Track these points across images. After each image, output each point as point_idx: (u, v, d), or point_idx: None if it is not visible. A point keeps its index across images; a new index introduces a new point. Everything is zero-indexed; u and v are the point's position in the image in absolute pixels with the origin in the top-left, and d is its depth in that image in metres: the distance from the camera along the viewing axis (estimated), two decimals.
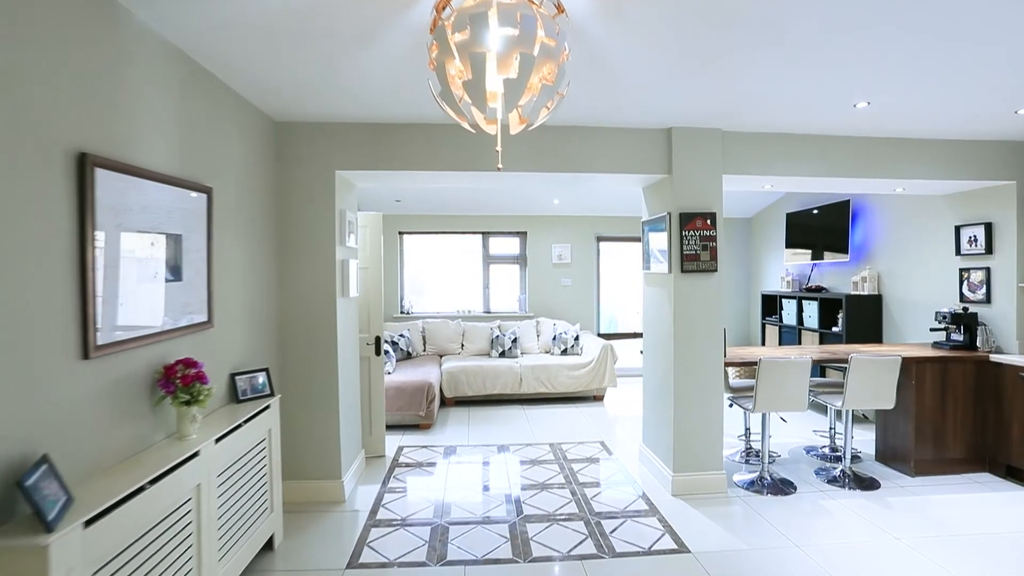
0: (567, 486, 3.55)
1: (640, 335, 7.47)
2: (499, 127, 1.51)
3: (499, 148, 1.52)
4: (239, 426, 2.29)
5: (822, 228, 5.61)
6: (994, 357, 3.74)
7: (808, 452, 4.24)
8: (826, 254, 5.58)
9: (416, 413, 4.81)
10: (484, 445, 4.41)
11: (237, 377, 2.58)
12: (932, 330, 4.11)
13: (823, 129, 3.49)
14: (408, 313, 6.97)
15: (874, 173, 3.64)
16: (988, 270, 3.95)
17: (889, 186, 3.90)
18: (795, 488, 3.52)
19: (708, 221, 3.44)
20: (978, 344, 3.92)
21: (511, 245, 7.16)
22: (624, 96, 2.83)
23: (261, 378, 2.68)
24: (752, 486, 3.55)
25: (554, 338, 6.35)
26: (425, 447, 4.37)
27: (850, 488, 3.53)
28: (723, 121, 3.29)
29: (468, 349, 6.39)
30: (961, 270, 4.15)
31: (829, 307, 5.34)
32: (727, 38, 2.13)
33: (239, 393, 2.55)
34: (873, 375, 3.48)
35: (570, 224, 7.09)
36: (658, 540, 2.84)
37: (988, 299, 3.96)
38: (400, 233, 7.00)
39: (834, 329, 5.26)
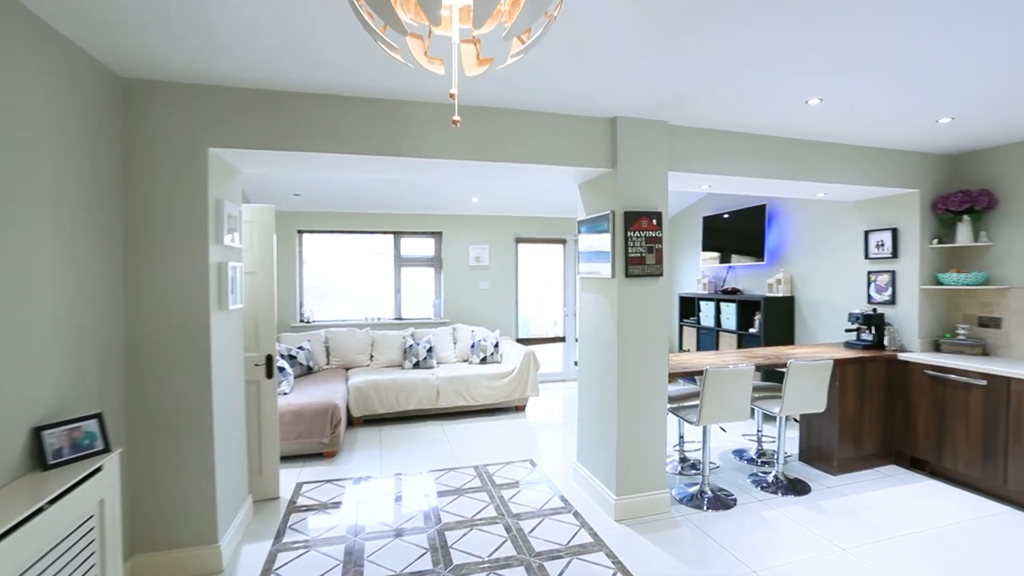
0: (500, 520, 3.12)
1: (560, 339, 7.28)
2: (456, 64, 1.02)
3: (454, 92, 1.04)
4: (38, 511, 1.55)
5: (738, 232, 5.71)
6: (901, 355, 3.89)
7: (737, 456, 4.18)
8: (742, 257, 5.68)
9: (319, 440, 4.11)
10: (400, 473, 3.84)
11: (45, 432, 1.79)
12: (847, 331, 4.22)
13: (768, 129, 3.39)
14: (308, 322, 6.14)
15: (806, 176, 3.62)
16: (893, 273, 4.13)
17: (815, 189, 3.92)
18: (735, 500, 3.38)
19: (654, 221, 3.18)
20: (885, 343, 4.08)
21: (425, 246, 6.59)
22: (569, 74, 2.46)
23: (89, 428, 1.93)
24: (693, 501, 3.35)
25: (472, 346, 5.90)
26: (330, 481, 3.71)
27: (783, 494, 3.47)
28: (670, 112, 3.04)
29: (378, 360, 5.73)
30: (869, 273, 4.32)
31: (746, 309, 5.42)
32: (698, 9, 1.83)
33: (48, 455, 1.78)
34: (809, 379, 3.43)
35: (488, 224, 6.68)
36: None
37: (893, 300, 4.13)
38: (299, 232, 6.15)
39: (751, 330, 5.34)
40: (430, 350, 5.67)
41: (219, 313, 2.72)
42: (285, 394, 4.39)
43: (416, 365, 5.59)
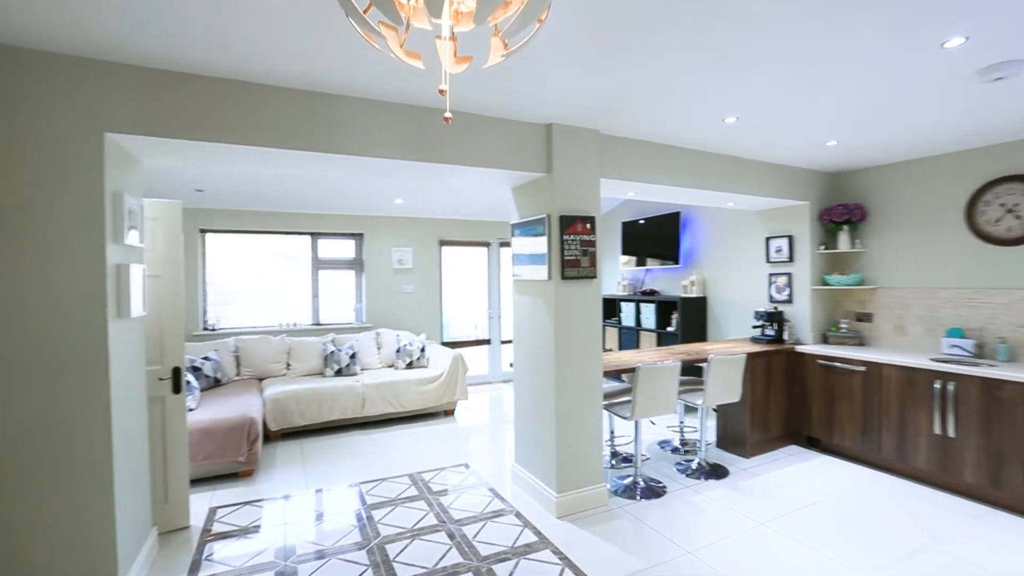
0: (442, 528, 3.05)
1: (484, 342, 7.28)
2: (447, 53, 0.98)
3: (445, 88, 1.00)
4: None
5: (654, 236, 6.06)
6: (798, 348, 4.34)
7: (662, 447, 4.42)
8: (658, 261, 6.03)
9: (233, 459, 3.77)
10: (329, 488, 3.63)
11: None
12: (754, 327, 4.64)
13: (691, 143, 3.64)
14: (213, 330, 5.62)
15: (721, 187, 3.92)
16: (790, 275, 4.60)
17: (726, 199, 4.26)
18: (665, 488, 3.57)
19: (588, 225, 3.28)
20: (785, 337, 4.53)
21: (345, 248, 6.30)
22: (508, 80, 2.47)
23: None
24: (627, 492, 3.50)
25: (398, 351, 5.73)
26: (249, 503, 3.41)
27: (706, 479, 3.73)
28: (603, 122, 3.16)
29: (296, 369, 5.38)
30: (770, 275, 4.78)
31: (664, 309, 5.76)
32: (633, 29, 1.93)
33: None
34: (727, 372, 3.72)
35: (412, 226, 6.53)
36: None
37: (790, 299, 4.60)
38: (201, 231, 5.61)
39: (668, 329, 5.68)
40: (353, 356, 5.42)
41: (119, 322, 2.41)
42: (191, 410, 3.98)
43: (339, 372, 5.32)
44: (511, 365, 3.82)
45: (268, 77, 2.44)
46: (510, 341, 7.38)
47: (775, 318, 4.52)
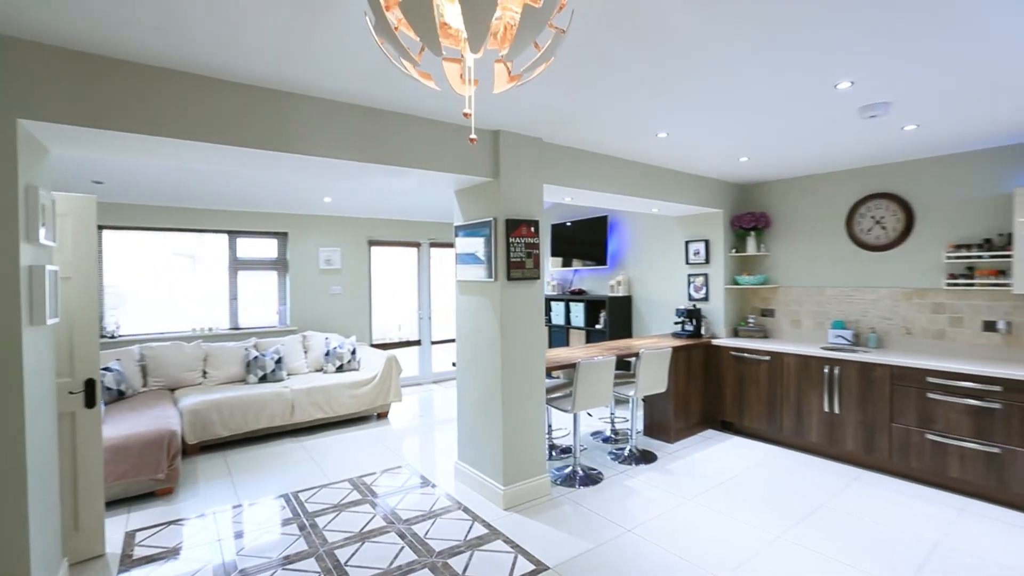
0: (391, 528, 3.05)
1: (415, 343, 7.23)
2: (468, 81, 1.06)
3: (470, 112, 1.07)
4: None
5: (581, 239, 6.36)
6: (714, 341, 4.80)
7: (595, 437, 4.69)
8: (585, 262, 6.35)
9: (151, 476, 3.49)
10: (264, 499, 3.48)
11: None
12: (676, 323, 5.05)
13: (626, 153, 3.92)
14: (113, 337, 5.11)
15: (650, 194, 4.25)
16: (707, 276, 5.07)
17: (651, 205, 4.61)
18: (601, 475, 3.82)
19: (532, 229, 3.43)
20: (702, 332, 4.99)
21: (268, 248, 5.99)
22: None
23: None
24: (567, 481, 3.70)
25: (327, 354, 5.55)
26: (174, 522, 3.19)
27: (637, 464, 4.03)
28: (547, 131, 3.33)
29: (214, 377, 5.04)
30: (689, 275, 5.22)
31: (593, 307, 6.08)
32: (580, 49, 2.10)
33: None
34: (655, 365, 4.03)
35: (340, 226, 6.35)
36: (515, 565, 2.65)
37: (707, 298, 5.07)
38: (99, 227, 5.08)
39: (597, 326, 6.01)
40: (279, 361, 5.18)
41: (32, 330, 2.20)
42: None
43: (263, 379, 5.06)
44: (454, 364, 3.88)
45: (211, 69, 2.33)
46: (442, 342, 7.39)
47: (694, 315, 4.96)
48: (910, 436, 3.52)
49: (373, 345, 6.58)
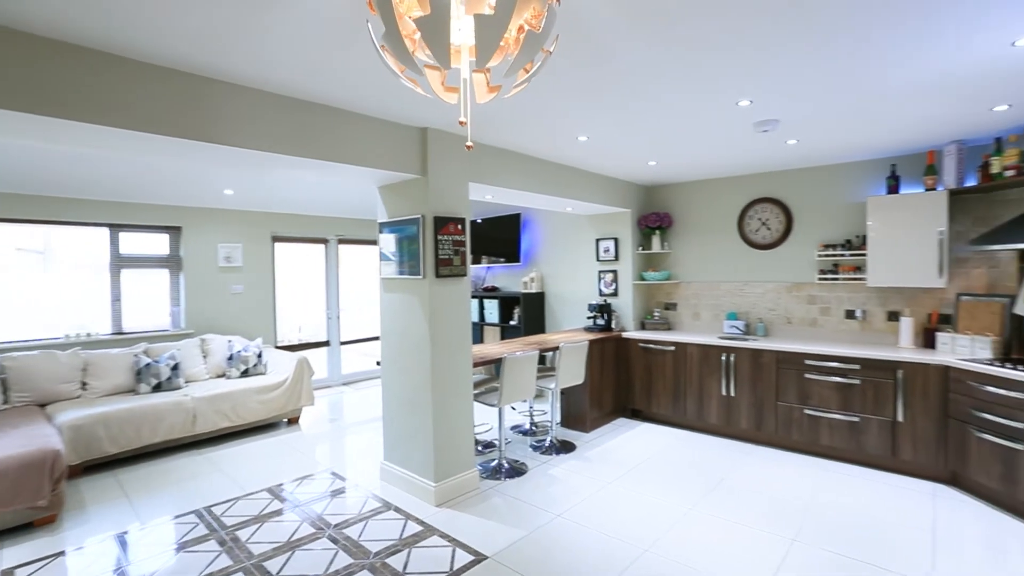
0: (322, 534, 2.95)
1: (323, 344, 6.92)
2: (465, 94, 1.09)
3: (465, 120, 1.10)
4: None
5: (496, 236, 6.48)
6: (624, 334, 5.14)
7: (515, 430, 4.83)
8: (500, 259, 6.48)
9: (30, 504, 3.05)
10: (172, 518, 3.19)
11: None
12: (588, 317, 5.34)
13: (548, 155, 4.08)
14: None
15: (568, 194, 4.45)
16: (616, 272, 5.41)
17: (565, 204, 4.83)
18: (526, 466, 3.96)
19: (459, 226, 3.47)
20: (612, 326, 5.32)
21: (157, 243, 5.42)
22: (387, 82, 2.52)
23: None
24: (494, 474, 3.79)
25: (230, 358, 5.16)
26: (62, 553, 2.83)
27: (558, 454, 4.22)
28: (472, 130, 3.37)
29: (96, 388, 4.49)
30: (599, 272, 5.54)
31: (506, 304, 6.22)
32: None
33: None
34: (574, 358, 4.25)
35: (242, 220, 5.90)
36: (455, 558, 2.69)
37: (616, 293, 5.41)
38: None
39: (511, 323, 6.16)
40: (175, 368, 4.73)
41: None
42: None
43: (157, 388, 4.59)
44: (378, 364, 3.81)
45: (130, 50, 2.10)
46: (353, 342, 7.16)
47: (605, 309, 5.27)
48: (792, 412, 4.05)
49: (278, 347, 6.21)
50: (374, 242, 7.41)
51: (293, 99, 2.71)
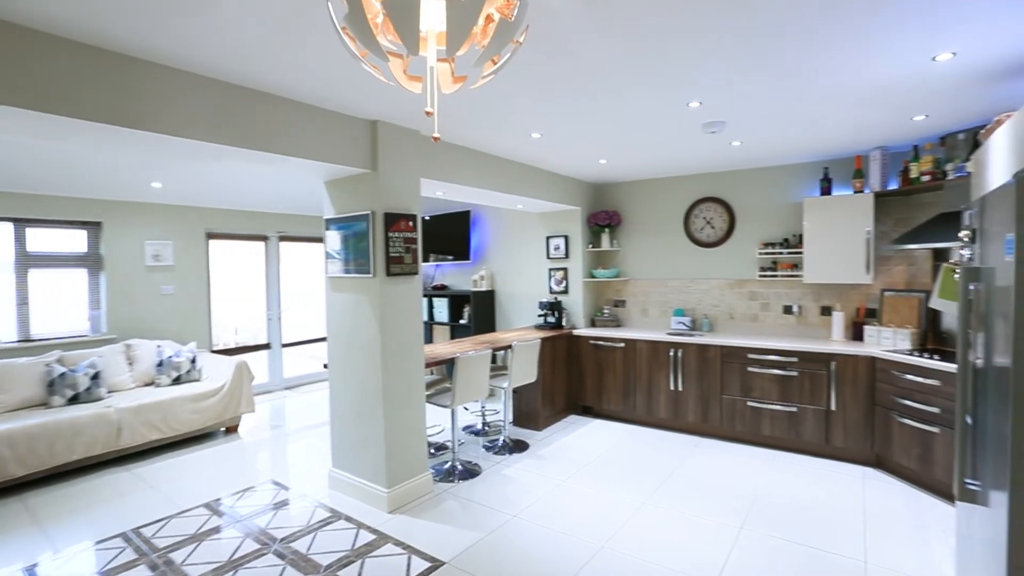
0: (267, 550, 2.78)
1: (264, 347, 6.57)
2: (431, 83, 1.02)
3: (432, 111, 1.03)
4: None
5: (444, 234, 6.38)
6: (575, 332, 5.19)
7: (467, 431, 4.77)
8: (445, 256, 6.38)
9: None
10: (94, 543, 2.91)
11: None
12: (539, 315, 5.35)
13: (499, 151, 4.03)
14: None
15: (519, 191, 4.42)
16: (566, 270, 5.44)
17: (519, 201, 4.80)
18: (479, 467, 3.91)
19: (411, 223, 3.36)
20: (563, 323, 5.36)
21: (74, 240, 4.94)
22: (336, 72, 2.40)
23: None
24: (447, 476, 3.72)
25: (160, 364, 4.80)
26: None
27: (511, 453, 4.20)
28: (424, 123, 3.28)
29: (1, 402, 4.04)
30: (550, 270, 5.56)
31: (456, 302, 6.14)
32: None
33: None
34: (527, 356, 4.23)
35: (172, 215, 5.50)
36: (411, 566, 2.61)
37: (567, 291, 5.45)
38: None
39: (461, 321, 6.09)
40: (96, 377, 4.34)
41: None
42: None
43: (74, 399, 4.19)
44: (325, 367, 3.64)
45: (36, 21, 1.87)
46: (296, 344, 6.85)
47: (556, 307, 5.29)
48: (735, 404, 4.22)
49: (214, 351, 5.84)
50: (319, 239, 7.11)
51: (231, 85, 2.53)
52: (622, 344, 4.83)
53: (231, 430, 4.91)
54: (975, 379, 1.88)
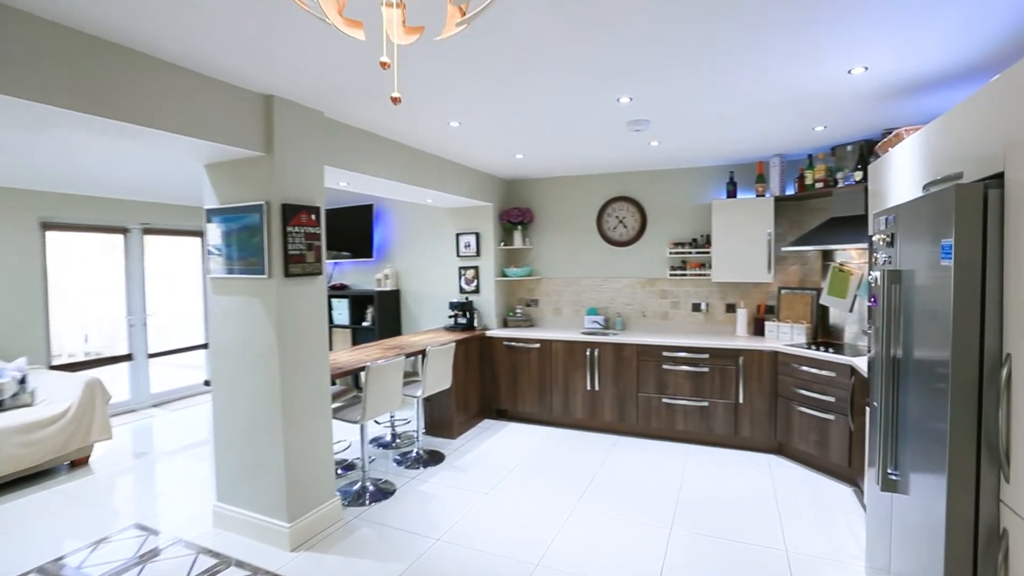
0: None
1: (124, 358, 5.56)
2: (390, 31, 0.73)
3: (389, 61, 0.75)
4: None
5: (344, 229, 5.85)
6: (488, 333, 4.99)
7: (375, 445, 4.37)
8: (342, 252, 5.88)
9: None
10: None
11: None
12: (450, 316, 5.07)
13: (412, 140, 3.70)
14: None
15: (431, 184, 4.11)
16: (477, 268, 5.22)
17: (429, 195, 4.48)
18: (394, 485, 3.57)
19: (313, 216, 2.93)
20: (475, 324, 5.14)
21: None
22: (223, 24, 1.97)
23: None
24: (358, 499, 3.34)
25: None
26: None
27: (427, 466, 3.90)
28: (330, 104, 2.87)
29: None
30: (460, 268, 5.30)
31: (358, 303, 5.66)
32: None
33: None
34: (442, 361, 3.95)
35: None
36: None
37: (478, 290, 5.24)
38: None
39: (364, 324, 5.63)
40: None
41: None
42: None
43: None
44: (207, 384, 3.08)
45: None
46: (165, 353, 5.90)
47: (467, 307, 5.05)
48: (651, 402, 4.29)
49: (55, 367, 4.82)
50: (197, 233, 6.21)
51: (79, 33, 1.96)
52: (537, 345, 4.72)
53: (79, 463, 4.05)
54: (895, 372, 1.97)
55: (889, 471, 1.99)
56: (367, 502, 3.32)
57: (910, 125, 2.51)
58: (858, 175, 3.45)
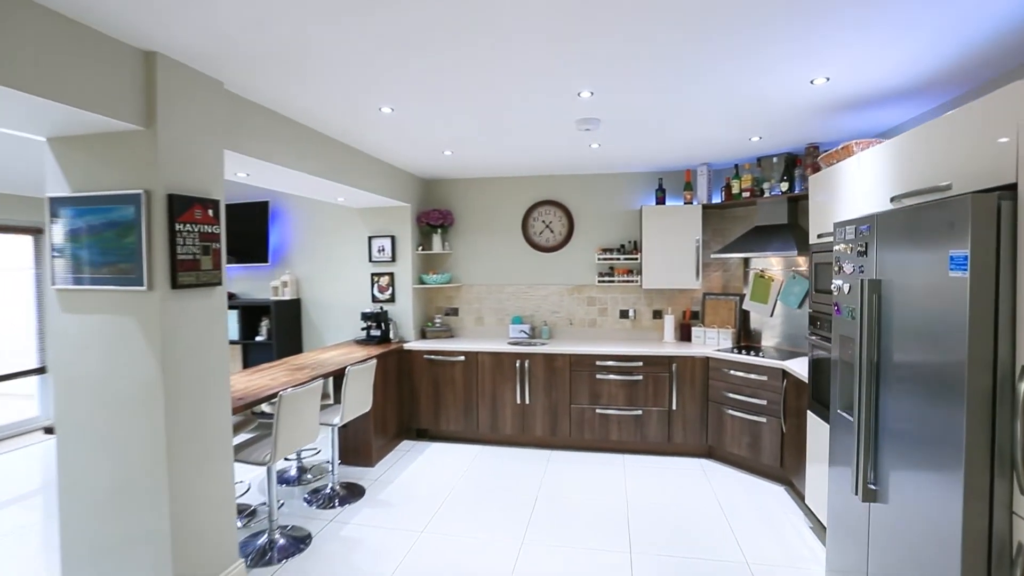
0: None
1: (35, 372, 4.20)
2: None
3: None
4: None
5: (234, 230, 5.01)
6: (405, 346, 4.54)
7: (278, 480, 3.72)
8: (240, 257, 5.04)
9: None
10: None
11: None
12: (363, 328, 4.53)
13: (330, 128, 3.20)
14: None
15: (345, 180, 3.59)
16: (393, 275, 4.75)
17: (340, 192, 3.93)
18: (308, 533, 3.01)
19: (211, 212, 2.33)
20: (391, 337, 4.65)
21: None
22: None
23: None
24: (265, 557, 2.76)
25: None
26: None
27: (344, 504, 3.38)
28: (232, 74, 2.30)
29: None
30: (373, 275, 4.78)
31: (251, 315, 4.88)
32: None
33: None
34: (362, 382, 3.46)
35: None
36: None
37: (393, 299, 4.76)
38: None
39: (258, 339, 4.87)
40: None
41: None
42: None
43: None
44: (48, 432, 2.32)
45: None
46: None
47: (381, 318, 4.55)
48: (584, 413, 4.15)
49: None
50: (34, 230, 4.93)
51: None
52: (462, 357, 4.37)
53: None
54: (875, 382, 1.96)
55: (870, 484, 1.97)
56: (276, 559, 2.74)
57: (854, 139, 2.59)
58: (784, 186, 3.61)
